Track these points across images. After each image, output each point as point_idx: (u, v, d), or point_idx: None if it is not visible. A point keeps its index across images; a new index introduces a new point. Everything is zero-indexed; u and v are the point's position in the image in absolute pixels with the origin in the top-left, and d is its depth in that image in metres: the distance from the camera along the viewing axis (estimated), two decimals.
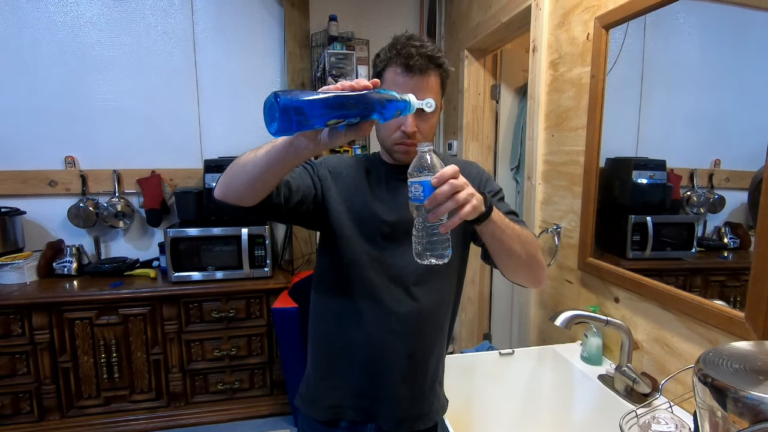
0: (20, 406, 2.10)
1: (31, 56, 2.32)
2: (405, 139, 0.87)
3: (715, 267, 1.03)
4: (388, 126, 0.87)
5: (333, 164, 0.97)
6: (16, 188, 2.37)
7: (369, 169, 0.98)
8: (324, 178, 0.94)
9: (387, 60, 0.85)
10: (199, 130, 2.57)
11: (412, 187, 0.68)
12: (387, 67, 0.85)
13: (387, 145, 0.92)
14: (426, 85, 0.84)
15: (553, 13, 1.50)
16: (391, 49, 0.84)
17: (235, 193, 0.77)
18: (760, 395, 0.52)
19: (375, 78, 0.80)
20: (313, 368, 1.01)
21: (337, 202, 0.93)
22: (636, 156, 1.19)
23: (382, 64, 0.86)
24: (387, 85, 0.83)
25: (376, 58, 0.89)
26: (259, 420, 2.32)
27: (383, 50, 0.87)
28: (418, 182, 0.66)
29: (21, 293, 2.06)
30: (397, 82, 0.82)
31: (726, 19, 1.00)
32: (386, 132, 0.89)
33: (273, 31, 2.59)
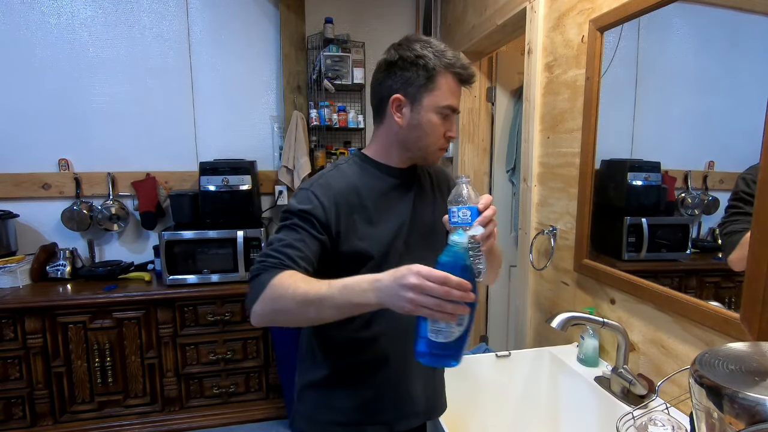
0: (12, 412, 2.07)
1: (25, 58, 2.31)
2: (446, 144, 0.92)
3: (709, 268, 1.04)
4: (437, 131, 0.88)
5: (339, 194, 0.87)
6: (9, 191, 2.35)
7: (364, 179, 0.92)
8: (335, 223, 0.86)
9: (443, 66, 0.85)
10: (195, 133, 2.56)
11: (459, 212, 0.77)
12: (443, 73, 0.85)
13: (431, 150, 0.91)
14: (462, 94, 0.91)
15: (548, 15, 1.51)
16: (442, 57, 0.85)
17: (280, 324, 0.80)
18: (756, 396, 0.52)
19: (425, 79, 0.84)
20: (327, 386, 0.94)
21: (352, 226, 0.88)
22: (631, 158, 1.20)
23: (436, 69, 0.85)
24: (442, 92, 0.86)
25: (421, 59, 0.85)
26: (254, 424, 2.30)
27: (432, 54, 0.85)
28: (466, 208, 0.77)
29: (14, 297, 2.04)
30: (452, 90, 0.87)
31: (719, 22, 1.00)
32: (434, 139, 0.89)
33: (268, 33, 2.59)
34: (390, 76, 0.88)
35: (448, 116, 0.88)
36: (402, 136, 0.90)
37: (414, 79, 0.85)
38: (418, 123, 0.87)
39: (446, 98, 0.86)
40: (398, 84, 0.87)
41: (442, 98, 0.86)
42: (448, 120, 0.89)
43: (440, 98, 0.86)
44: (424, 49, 0.85)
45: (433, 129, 0.87)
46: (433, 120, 0.87)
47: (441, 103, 0.86)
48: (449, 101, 0.86)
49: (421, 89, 0.86)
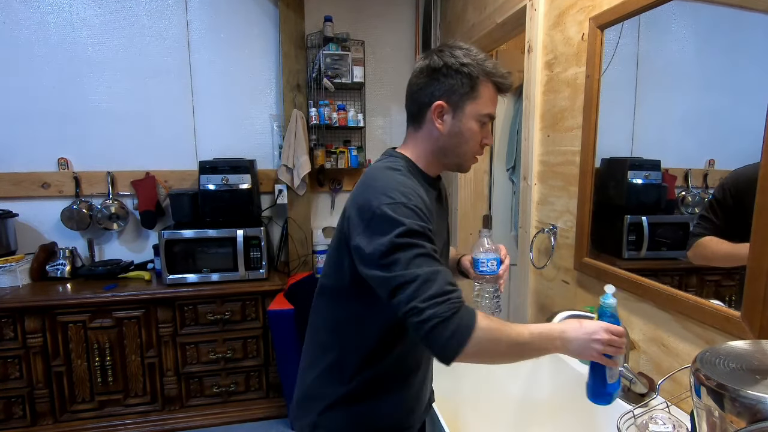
0: (13, 411, 2.07)
1: (24, 57, 2.30)
2: (482, 151, 0.94)
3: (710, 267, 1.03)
4: (476, 139, 0.90)
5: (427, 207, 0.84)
6: (9, 190, 2.35)
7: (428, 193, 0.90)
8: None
9: (485, 75, 0.86)
10: (194, 132, 2.56)
11: (488, 262, 0.95)
12: (485, 82, 0.87)
13: (468, 157, 0.92)
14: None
15: (548, 13, 1.50)
16: (487, 66, 0.86)
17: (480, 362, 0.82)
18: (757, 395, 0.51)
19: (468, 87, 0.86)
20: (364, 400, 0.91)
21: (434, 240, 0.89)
22: (631, 156, 1.19)
23: (479, 78, 0.86)
24: (484, 101, 0.87)
25: (465, 67, 0.85)
26: (254, 423, 2.30)
27: (471, 63, 0.85)
28: (493, 258, 0.95)
29: (13, 296, 2.04)
30: (492, 98, 0.89)
31: (719, 20, 1.00)
32: (472, 146, 0.91)
33: (268, 31, 2.58)
34: (432, 82, 0.87)
35: (486, 124, 0.90)
36: (442, 143, 0.90)
37: (458, 87, 0.86)
38: (459, 130, 0.88)
39: (487, 106, 0.88)
40: (441, 91, 0.87)
41: (483, 106, 0.87)
42: (485, 128, 0.91)
43: (482, 106, 0.87)
44: (467, 57, 0.86)
45: (472, 136, 0.89)
46: (473, 128, 0.88)
47: (482, 111, 0.87)
48: (489, 109, 0.88)
49: (464, 97, 0.86)
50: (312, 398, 0.93)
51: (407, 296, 0.71)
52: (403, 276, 0.72)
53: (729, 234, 0.94)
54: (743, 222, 0.90)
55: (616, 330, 0.78)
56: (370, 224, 0.77)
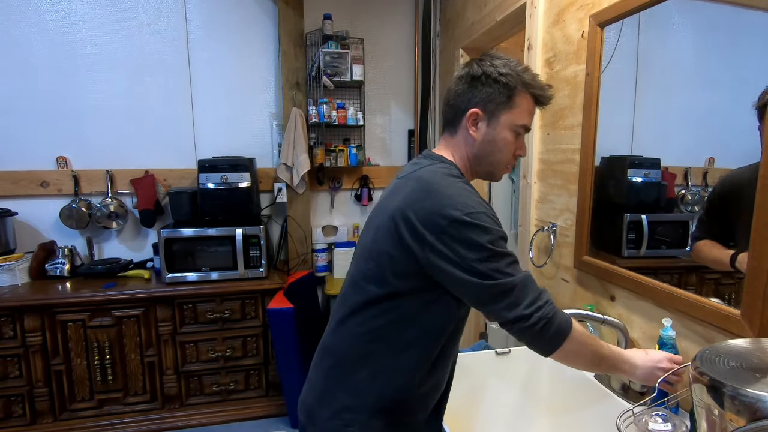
0: (12, 410, 2.07)
1: (21, 55, 2.30)
2: (514, 161, 0.94)
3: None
4: (509, 149, 0.90)
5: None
6: (8, 189, 2.34)
7: None
8: None
9: (523, 86, 0.87)
10: (193, 130, 2.55)
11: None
12: (522, 93, 0.87)
13: (501, 167, 0.92)
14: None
15: (548, 11, 1.50)
16: (522, 76, 0.86)
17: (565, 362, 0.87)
18: (756, 393, 0.51)
19: (505, 96, 0.86)
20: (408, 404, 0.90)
21: None
22: (631, 155, 1.19)
23: (516, 89, 0.86)
24: (520, 111, 0.87)
25: (503, 77, 0.86)
26: (254, 421, 2.31)
27: (510, 73, 0.86)
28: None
29: (13, 295, 2.03)
30: (529, 110, 0.89)
31: (720, 18, 1.00)
32: (505, 156, 0.91)
33: (267, 29, 2.57)
34: (470, 89, 0.89)
35: (520, 135, 0.90)
36: (476, 150, 0.91)
37: (495, 96, 0.86)
38: (493, 139, 0.89)
39: (523, 117, 0.88)
40: (477, 98, 0.88)
41: (519, 117, 0.88)
42: (520, 138, 0.91)
43: (518, 117, 0.87)
44: (506, 67, 0.86)
45: (506, 146, 0.89)
46: (507, 137, 0.89)
47: (517, 122, 0.88)
48: (525, 120, 0.88)
49: (500, 106, 0.87)
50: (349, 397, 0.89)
51: (509, 304, 0.77)
52: (504, 284, 0.77)
53: (724, 238, 0.95)
54: (730, 225, 0.93)
55: (677, 360, 0.88)
56: (455, 232, 0.77)
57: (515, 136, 0.89)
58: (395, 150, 2.88)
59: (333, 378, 0.90)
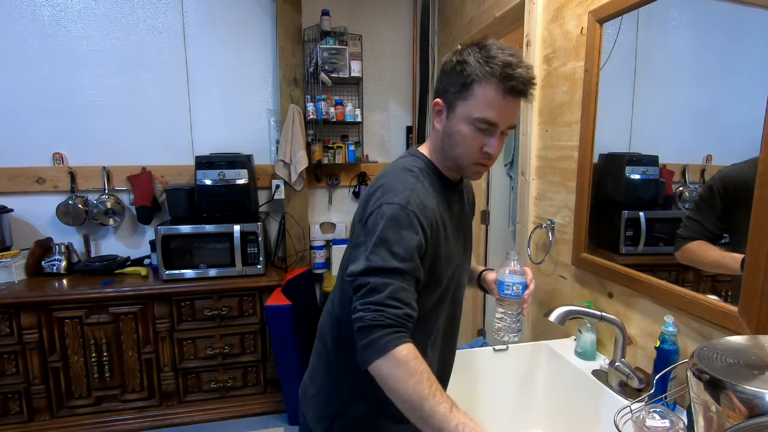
0: (9, 407, 2.07)
1: (17, 50, 2.28)
2: (486, 160, 0.84)
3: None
4: (469, 144, 0.82)
5: (432, 214, 0.83)
6: (3, 186, 2.33)
7: (437, 193, 0.88)
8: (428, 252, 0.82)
9: (485, 75, 0.77)
10: (190, 126, 2.54)
11: (513, 286, 0.93)
12: (483, 83, 0.78)
13: (462, 163, 0.85)
14: (517, 107, 0.82)
15: (546, 7, 1.49)
16: (490, 64, 0.77)
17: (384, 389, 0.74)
18: (754, 389, 0.51)
19: (459, 86, 0.80)
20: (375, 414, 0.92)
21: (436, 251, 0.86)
22: (629, 152, 1.19)
23: (474, 77, 0.78)
24: (479, 102, 0.78)
25: (461, 65, 0.79)
26: (252, 418, 2.31)
27: (475, 60, 0.78)
28: (519, 282, 0.94)
29: (9, 292, 2.03)
30: (491, 101, 0.78)
31: (718, 15, 1.00)
32: (466, 150, 0.83)
33: (265, 25, 2.56)
34: (440, 78, 0.86)
35: (486, 130, 0.80)
36: (439, 143, 0.88)
37: (451, 86, 0.82)
38: (450, 132, 0.84)
39: (481, 110, 0.78)
40: (440, 88, 0.85)
41: (475, 109, 0.79)
42: (487, 134, 0.81)
43: (473, 109, 0.79)
44: (470, 55, 0.79)
45: (463, 140, 0.82)
46: (464, 131, 0.81)
47: (473, 115, 0.79)
48: (484, 113, 0.78)
49: (455, 96, 0.81)
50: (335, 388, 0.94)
51: (355, 298, 0.76)
52: (358, 281, 0.76)
53: (716, 237, 0.94)
54: (732, 223, 0.91)
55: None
56: (368, 220, 0.80)
57: (477, 130, 0.80)
58: (393, 147, 2.88)
59: (320, 358, 0.97)
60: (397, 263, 0.75)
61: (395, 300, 0.74)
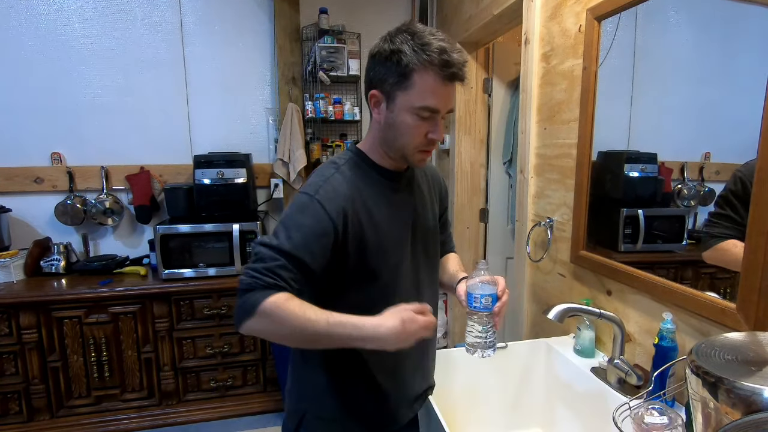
0: (9, 407, 2.07)
1: (13, 49, 2.27)
2: (430, 146, 0.84)
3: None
4: (413, 133, 0.81)
5: (345, 202, 0.83)
6: (1, 185, 2.32)
7: (367, 183, 0.88)
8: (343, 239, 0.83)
9: (420, 63, 0.77)
10: (189, 125, 2.53)
11: (482, 299, 0.84)
12: (420, 71, 0.77)
13: (407, 152, 0.84)
14: (455, 91, 0.83)
15: (545, 4, 1.49)
16: (427, 52, 0.76)
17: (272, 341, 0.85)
18: (752, 386, 0.52)
19: (398, 76, 0.79)
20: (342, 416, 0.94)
21: (362, 241, 0.85)
22: (628, 149, 1.19)
23: (413, 66, 0.77)
24: (420, 91, 0.78)
25: (396, 54, 0.78)
26: (252, 417, 2.31)
27: (410, 48, 0.77)
28: (488, 295, 0.85)
29: (8, 292, 2.02)
30: (432, 89, 0.78)
31: (717, 12, 1.00)
32: (411, 139, 0.82)
33: (263, 24, 2.55)
34: (372, 68, 0.83)
35: (428, 117, 0.80)
36: (382, 134, 0.86)
37: (388, 76, 0.79)
38: (393, 122, 0.82)
39: (423, 98, 0.78)
40: (376, 79, 0.82)
41: (417, 98, 0.78)
42: (430, 121, 0.81)
43: (415, 98, 0.78)
44: (403, 43, 0.77)
45: (407, 130, 0.81)
46: (407, 121, 0.80)
47: (416, 104, 0.79)
48: (426, 102, 0.78)
49: (395, 87, 0.79)
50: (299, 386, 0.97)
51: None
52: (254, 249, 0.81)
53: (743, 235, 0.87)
54: None
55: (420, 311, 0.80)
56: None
57: (420, 119, 0.80)
58: None
59: (294, 352, 1.00)
60: (288, 246, 0.78)
61: (273, 274, 0.77)
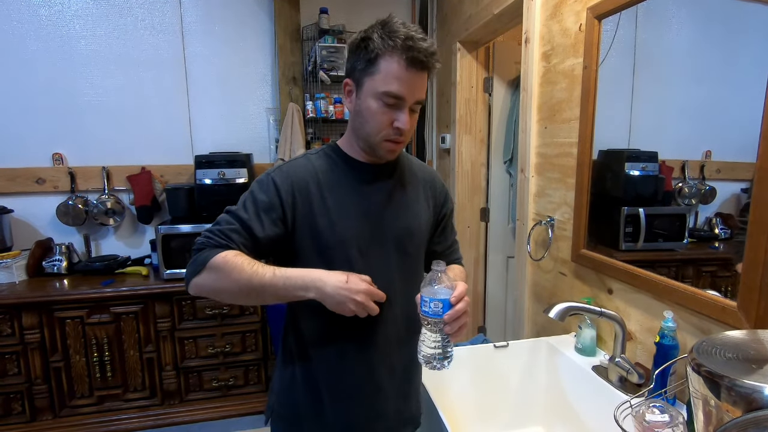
0: (12, 407, 2.07)
1: (16, 50, 2.27)
2: (397, 136, 0.83)
3: (706, 257, 1.04)
4: (378, 120, 0.81)
5: (298, 183, 0.86)
6: (3, 186, 2.33)
7: (334, 172, 0.89)
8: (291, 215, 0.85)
9: (388, 49, 0.78)
10: (189, 126, 2.54)
11: (431, 303, 0.74)
12: (386, 56, 0.78)
13: (373, 140, 0.84)
14: (423, 81, 0.82)
15: (545, 3, 1.49)
16: (393, 38, 0.78)
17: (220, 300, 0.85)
18: (753, 384, 0.52)
19: (365, 62, 0.81)
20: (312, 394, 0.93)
21: (312, 223, 0.86)
22: (628, 148, 1.19)
23: (378, 51, 0.79)
24: (384, 76, 0.79)
25: (365, 42, 0.80)
26: (254, 416, 2.31)
27: (378, 36, 0.79)
28: (438, 300, 0.74)
29: (10, 293, 2.03)
30: (396, 75, 0.78)
31: (717, 10, 1.00)
32: (376, 126, 0.82)
33: (263, 24, 2.55)
34: (347, 59, 0.86)
35: (394, 105, 0.80)
36: (352, 123, 0.88)
37: (357, 63, 0.82)
38: (360, 109, 0.84)
39: (386, 84, 0.78)
40: (348, 68, 0.85)
41: (381, 83, 0.79)
42: (396, 109, 0.81)
43: (379, 83, 0.79)
44: (373, 32, 0.80)
45: (371, 116, 0.82)
46: (371, 106, 0.81)
47: (379, 89, 0.79)
48: (390, 87, 0.78)
49: (362, 73, 0.82)
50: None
51: None
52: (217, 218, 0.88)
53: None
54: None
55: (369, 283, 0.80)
56: None
57: (385, 105, 0.80)
58: None
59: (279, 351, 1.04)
60: (242, 214, 0.84)
61: (225, 236, 0.82)
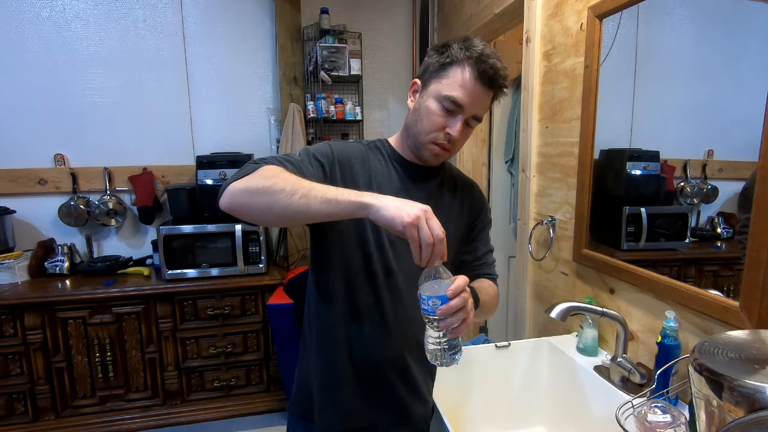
0: (14, 407, 2.08)
1: (17, 52, 2.28)
2: (446, 142, 0.85)
3: (708, 257, 1.03)
4: (432, 120, 0.84)
5: (349, 159, 0.88)
6: (5, 187, 2.33)
7: (375, 161, 0.92)
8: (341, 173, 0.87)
9: (462, 58, 0.81)
10: (191, 126, 2.54)
11: (429, 300, 0.70)
12: (458, 64, 0.82)
13: (422, 140, 0.86)
14: (487, 99, 0.85)
15: (546, 3, 1.49)
16: (470, 49, 0.81)
17: (256, 215, 0.74)
18: (755, 384, 0.51)
19: (438, 65, 0.83)
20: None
21: None
22: (630, 147, 1.19)
23: (453, 59, 0.82)
24: (451, 82, 0.82)
25: (444, 47, 0.84)
26: (255, 417, 2.32)
27: (457, 45, 0.82)
28: (436, 298, 0.70)
29: (12, 293, 2.03)
30: (463, 83, 0.81)
31: (719, 9, 0.99)
32: (428, 126, 0.85)
33: (264, 24, 2.56)
34: (423, 62, 0.89)
35: (452, 111, 0.83)
36: (408, 120, 0.91)
37: (431, 65, 0.85)
38: (419, 107, 0.87)
39: (451, 89, 0.82)
40: (421, 69, 0.89)
41: (446, 87, 0.82)
42: (452, 115, 0.83)
43: (445, 87, 0.82)
44: (453, 42, 0.84)
45: (427, 115, 0.84)
46: (431, 106, 0.84)
47: (443, 92, 0.82)
48: (452, 92, 0.81)
49: (432, 75, 0.85)
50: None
51: None
52: None
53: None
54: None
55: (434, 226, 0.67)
56: None
57: (444, 110, 0.83)
58: None
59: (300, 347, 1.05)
60: (295, 156, 0.85)
61: (277, 161, 0.80)
